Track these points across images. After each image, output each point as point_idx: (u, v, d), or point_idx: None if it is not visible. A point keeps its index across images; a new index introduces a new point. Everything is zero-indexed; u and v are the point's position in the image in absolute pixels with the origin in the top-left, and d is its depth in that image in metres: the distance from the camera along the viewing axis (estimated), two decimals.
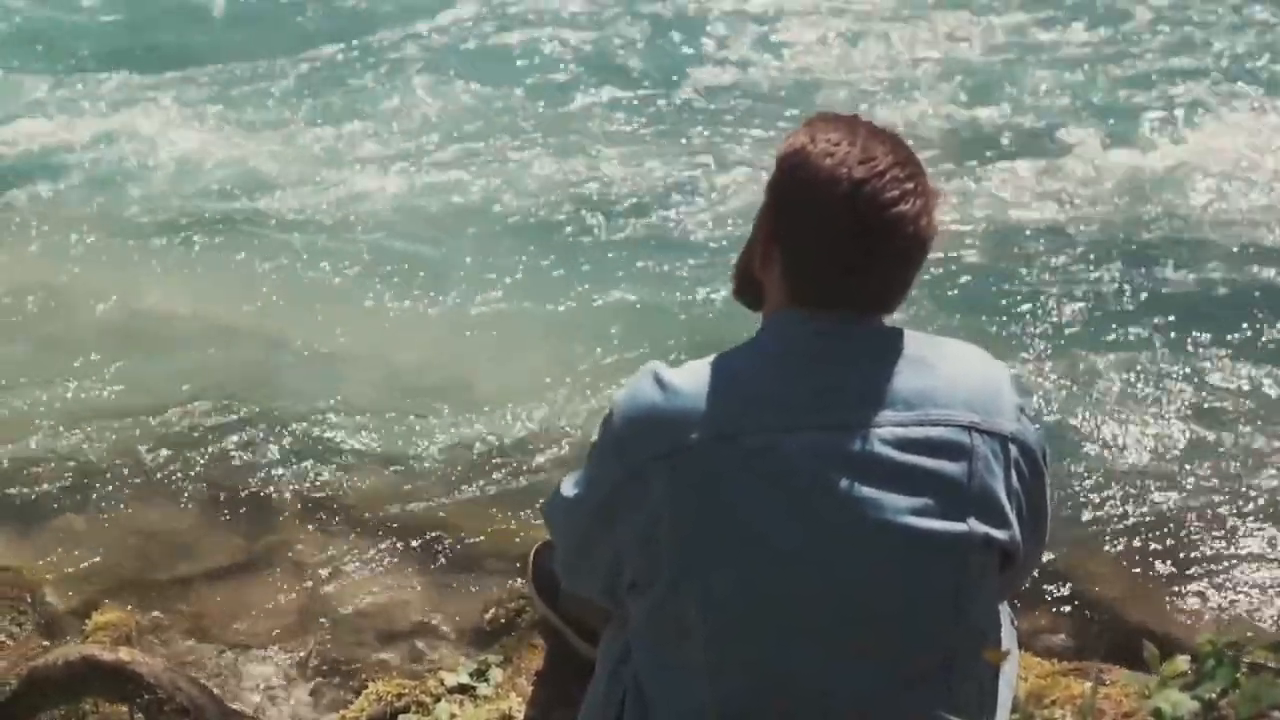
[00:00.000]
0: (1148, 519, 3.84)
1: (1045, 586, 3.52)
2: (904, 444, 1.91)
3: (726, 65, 6.99)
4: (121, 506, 3.88)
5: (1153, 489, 3.96)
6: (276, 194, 5.76)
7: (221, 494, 3.93)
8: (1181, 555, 3.70)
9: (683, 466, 1.93)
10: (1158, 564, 3.68)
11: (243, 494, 3.93)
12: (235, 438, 4.17)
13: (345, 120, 6.41)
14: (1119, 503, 3.90)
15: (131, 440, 4.16)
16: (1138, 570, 3.66)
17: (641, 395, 1.99)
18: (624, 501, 1.99)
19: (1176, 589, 3.59)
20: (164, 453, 4.10)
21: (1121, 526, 3.81)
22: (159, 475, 4.00)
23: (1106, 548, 3.73)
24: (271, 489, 3.94)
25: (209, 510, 3.87)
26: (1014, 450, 1.97)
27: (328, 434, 4.22)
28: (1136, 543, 3.75)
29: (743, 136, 6.23)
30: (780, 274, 2.00)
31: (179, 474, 4.01)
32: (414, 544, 3.71)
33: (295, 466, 4.04)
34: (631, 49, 7.13)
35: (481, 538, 3.71)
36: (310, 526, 3.78)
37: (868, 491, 1.91)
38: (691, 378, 1.98)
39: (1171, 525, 3.81)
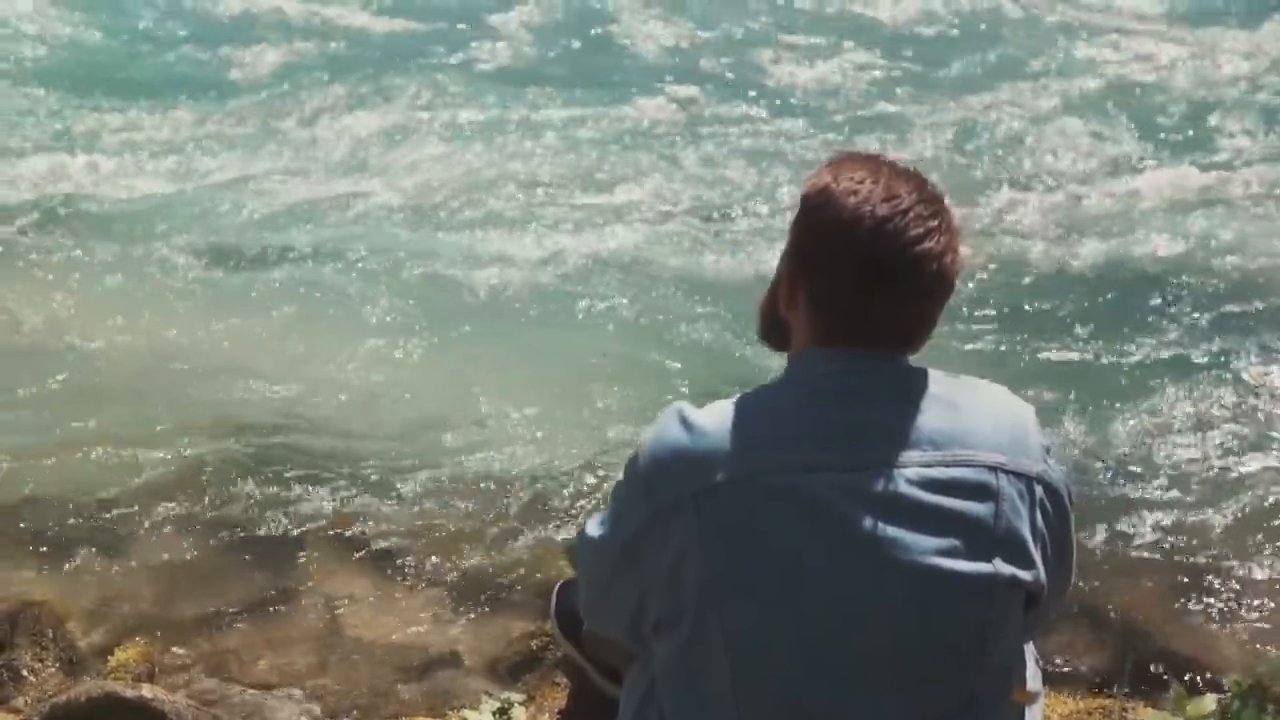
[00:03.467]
0: (1172, 551, 3.83)
1: (1070, 619, 3.51)
2: (929, 484, 1.91)
3: (760, 100, 7.03)
4: (144, 544, 3.89)
5: (1177, 522, 3.95)
6: (298, 236, 5.79)
7: (244, 532, 3.94)
8: (1207, 587, 3.69)
9: (709, 505, 1.93)
10: (1183, 596, 3.66)
11: (265, 532, 3.94)
12: (258, 476, 4.18)
13: (367, 160, 6.45)
14: (1143, 535, 3.89)
15: (155, 478, 4.18)
16: (1163, 602, 3.65)
17: (667, 435, 1.99)
18: (650, 540, 1.98)
19: (1202, 621, 3.58)
20: (187, 491, 4.12)
21: (1146, 559, 3.80)
22: (182, 513, 4.02)
23: (1131, 580, 3.72)
24: (294, 527, 3.95)
25: (231, 548, 3.88)
26: (1039, 491, 1.96)
27: (350, 472, 4.23)
28: (1162, 575, 3.74)
29: (766, 174, 6.25)
30: (805, 313, 2.00)
31: (202, 512, 4.02)
32: (436, 581, 3.71)
33: (318, 505, 4.05)
34: (672, 93, 7.17)
35: (504, 575, 3.71)
36: (333, 564, 3.79)
37: (893, 531, 1.90)
38: (717, 417, 1.97)
39: (1196, 558, 3.80)
